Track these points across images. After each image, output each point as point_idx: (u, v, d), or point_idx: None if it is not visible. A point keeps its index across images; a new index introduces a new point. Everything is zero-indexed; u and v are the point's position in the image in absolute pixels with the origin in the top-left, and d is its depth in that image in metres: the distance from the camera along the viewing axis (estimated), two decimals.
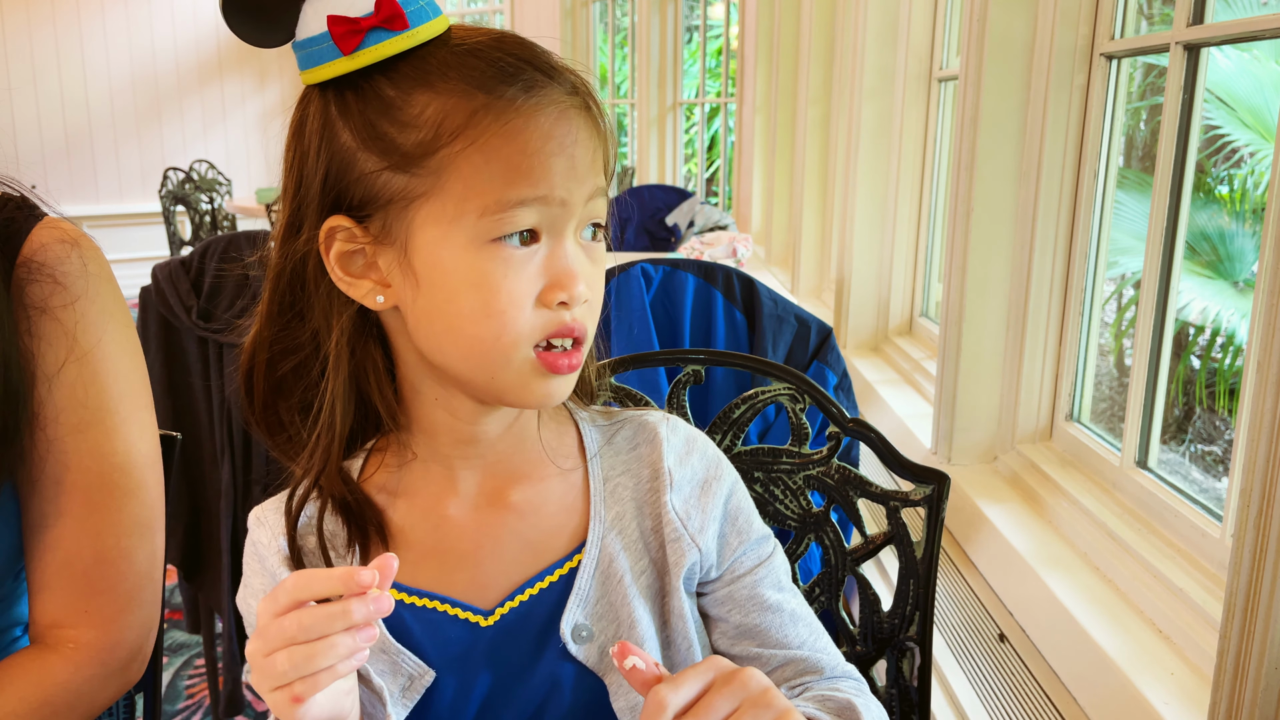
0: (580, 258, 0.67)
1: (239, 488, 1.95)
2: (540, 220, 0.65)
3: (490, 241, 0.64)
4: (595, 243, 0.69)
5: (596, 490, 0.75)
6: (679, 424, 0.79)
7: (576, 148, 0.65)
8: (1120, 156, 1.53)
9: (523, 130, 0.63)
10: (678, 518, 0.74)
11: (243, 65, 7.52)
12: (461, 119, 0.63)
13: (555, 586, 0.72)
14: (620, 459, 0.77)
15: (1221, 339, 3.57)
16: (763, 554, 0.79)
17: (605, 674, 0.72)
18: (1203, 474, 3.47)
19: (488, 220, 0.63)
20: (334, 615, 0.56)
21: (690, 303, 1.62)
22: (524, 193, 0.63)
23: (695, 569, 0.75)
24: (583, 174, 0.66)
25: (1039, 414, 1.61)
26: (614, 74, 6.25)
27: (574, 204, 0.66)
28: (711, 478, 0.77)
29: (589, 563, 0.72)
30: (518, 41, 0.67)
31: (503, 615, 0.72)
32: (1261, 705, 0.84)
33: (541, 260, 0.65)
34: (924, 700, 0.94)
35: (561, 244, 0.66)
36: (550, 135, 0.64)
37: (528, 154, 0.63)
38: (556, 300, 0.65)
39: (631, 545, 0.74)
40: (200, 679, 2.34)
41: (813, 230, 3.16)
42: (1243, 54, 3.65)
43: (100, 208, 7.15)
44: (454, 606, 0.72)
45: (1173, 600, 1.14)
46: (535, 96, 0.64)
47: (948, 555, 1.54)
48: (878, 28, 2.37)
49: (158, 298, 1.93)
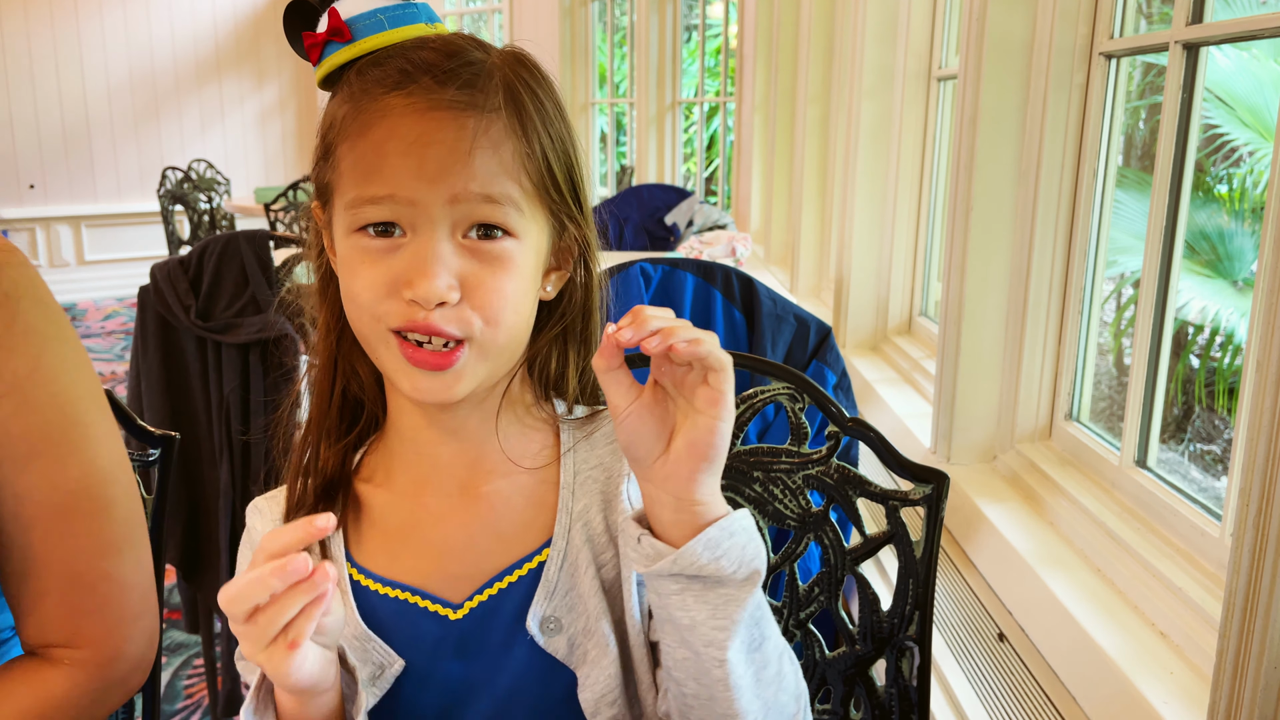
0: (446, 257, 0.66)
1: (237, 487, 1.95)
2: (397, 216, 0.67)
3: (354, 231, 0.69)
4: (489, 243, 0.68)
5: (566, 484, 0.76)
6: None
7: (430, 148, 0.66)
8: (1119, 155, 1.53)
9: (374, 131, 0.67)
10: (630, 506, 0.75)
11: (241, 65, 7.51)
12: (346, 120, 0.68)
13: (524, 580, 0.74)
14: (595, 453, 0.78)
15: (1221, 338, 3.57)
16: None
17: (576, 666, 0.74)
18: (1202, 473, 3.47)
19: (350, 213, 0.68)
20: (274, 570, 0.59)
21: (689, 302, 1.62)
22: (372, 190, 0.67)
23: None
24: (435, 174, 0.66)
25: (1038, 413, 1.61)
26: (613, 73, 6.24)
27: (428, 204, 0.66)
28: None
29: (555, 556, 0.74)
30: (444, 48, 0.69)
31: (471, 609, 0.74)
32: (1261, 704, 0.84)
33: (403, 254, 0.67)
34: (923, 700, 0.94)
35: (421, 241, 0.67)
36: (397, 136, 0.66)
37: (376, 154, 0.67)
38: (405, 296, 0.66)
39: (596, 537, 0.75)
40: (199, 679, 2.34)
41: (812, 229, 3.16)
42: (1242, 53, 3.65)
43: (98, 207, 7.15)
44: (424, 599, 0.74)
45: (1172, 599, 1.14)
46: (402, 98, 0.66)
47: (947, 555, 1.54)
48: (877, 27, 2.36)
49: (156, 297, 1.93)
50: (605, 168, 6.59)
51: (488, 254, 0.68)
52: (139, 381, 1.98)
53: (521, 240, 0.69)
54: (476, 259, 0.67)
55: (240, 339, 1.86)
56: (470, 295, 0.67)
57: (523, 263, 0.69)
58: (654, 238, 3.99)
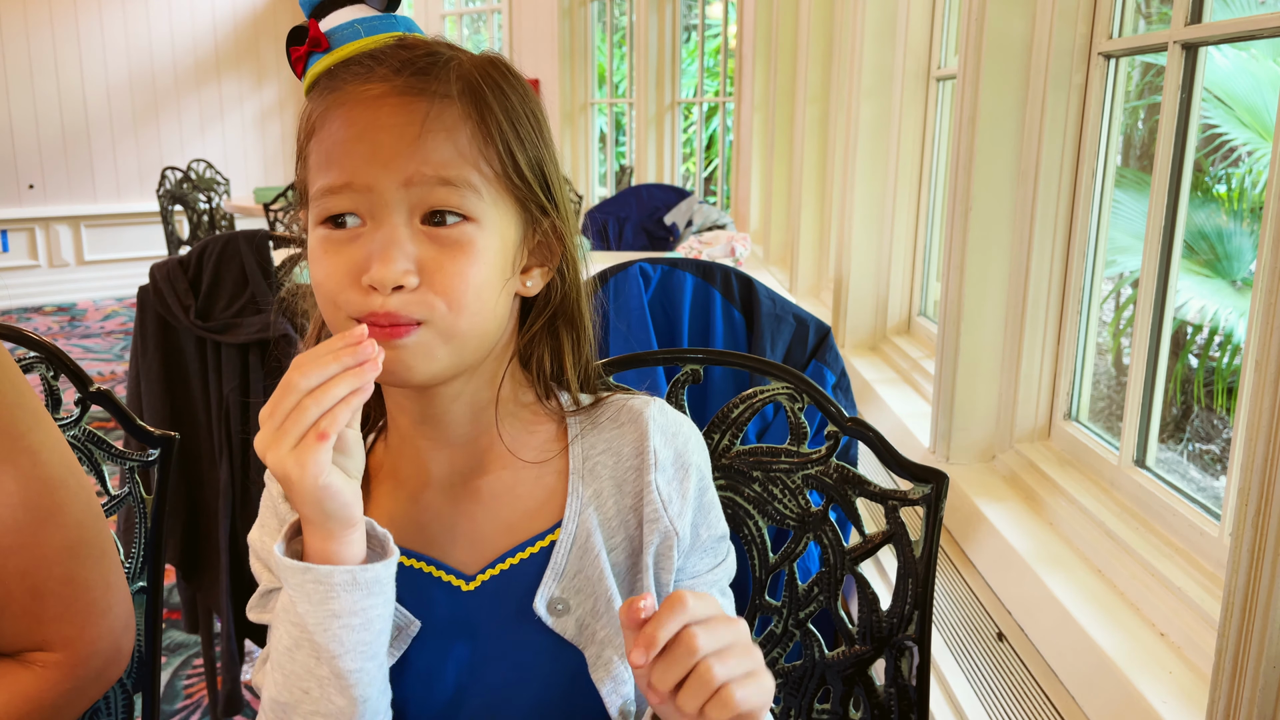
0: (403, 242, 0.67)
1: (237, 487, 1.95)
2: (356, 206, 0.68)
3: (319, 224, 0.69)
4: (447, 229, 0.68)
5: (576, 469, 0.76)
6: (667, 408, 0.81)
7: (382, 132, 0.66)
8: (1118, 155, 1.53)
9: (333, 121, 0.68)
10: (660, 498, 0.76)
11: (240, 65, 7.51)
12: (313, 117, 0.70)
13: (534, 559, 0.74)
14: (603, 436, 0.78)
15: (1219, 338, 3.57)
16: (719, 554, 0.80)
17: (584, 646, 0.74)
18: (1201, 473, 3.47)
19: (315, 205, 0.69)
20: (323, 356, 0.62)
21: (688, 302, 1.62)
22: (330, 179, 0.68)
23: (671, 550, 0.76)
24: (388, 158, 0.66)
25: (1037, 413, 1.61)
26: (612, 73, 6.25)
27: (382, 188, 0.66)
28: (691, 463, 0.78)
29: (565, 538, 0.74)
30: (412, 44, 0.70)
31: (484, 582, 0.74)
32: (1260, 704, 0.84)
33: (362, 242, 0.67)
34: (922, 699, 0.94)
35: (378, 228, 0.67)
36: (351, 122, 0.67)
37: (333, 143, 0.68)
38: (364, 282, 0.66)
39: (608, 521, 0.75)
40: (199, 679, 2.34)
41: (811, 229, 3.16)
42: (1241, 53, 3.65)
43: (97, 207, 7.14)
44: (437, 568, 0.75)
45: (1171, 599, 1.14)
46: (359, 86, 0.68)
47: (946, 554, 1.54)
48: (876, 27, 2.36)
49: (155, 297, 1.93)
50: (604, 168, 6.59)
51: (446, 239, 0.67)
52: (138, 382, 1.98)
53: (482, 225, 0.68)
54: (435, 244, 0.67)
55: (240, 339, 1.86)
56: (430, 279, 0.67)
57: (485, 248, 0.69)
58: (653, 238, 3.99)
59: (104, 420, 1.11)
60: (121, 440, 1.19)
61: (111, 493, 1.01)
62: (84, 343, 5.83)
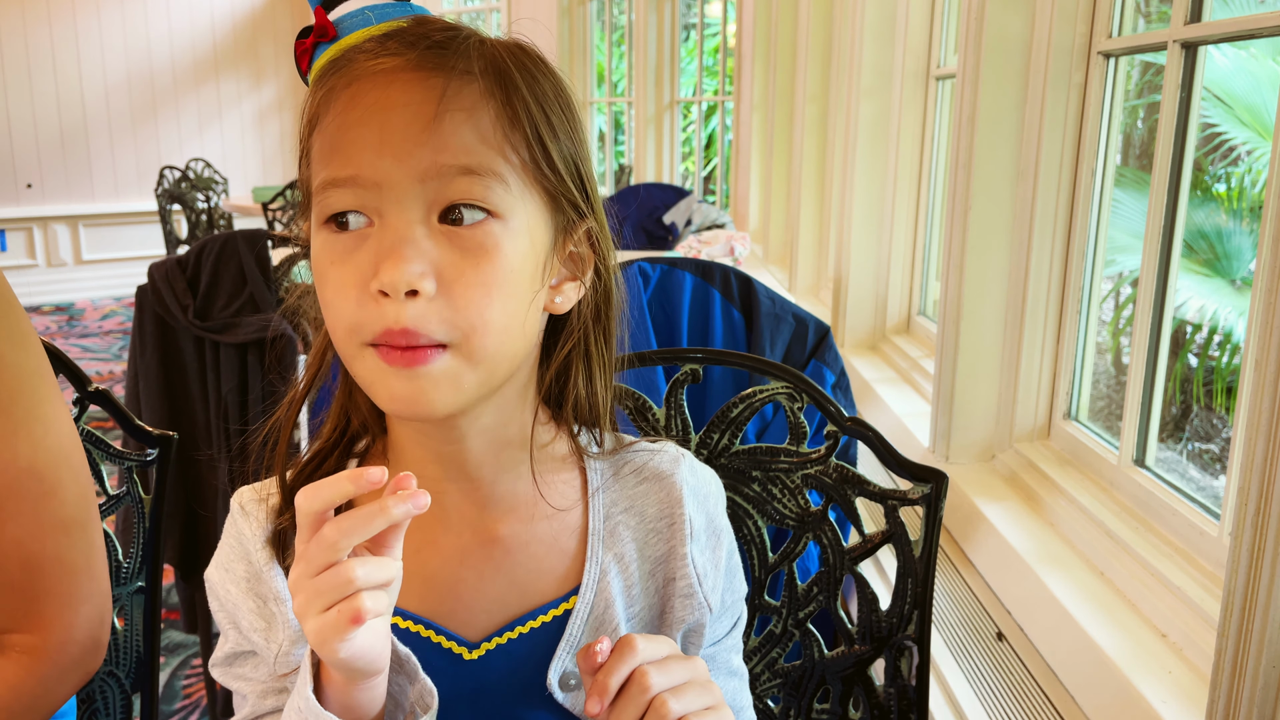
0: (419, 240, 0.57)
1: (236, 487, 1.95)
2: (363, 204, 0.58)
3: (322, 226, 0.60)
4: (466, 229, 0.58)
5: (595, 530, 0.69)
6: (696, 464, 0.75)
7: (392, 113, 0.57)
8: (1118, 154, 1.53)
9: (338, 102, 0.59)
10: (695, 572, 0.70)
11: (239, 63, 7.51)
12: (316, 102, 0.61)
13: (546, 628, 0.68)
14: (625, 493, 0.71)
15: (1219, 337, 3.57)
16: (737, 615, 0.77)
17: None
18: (1200, 472, 3.47)
19: (317, 202, 0.60)
20: (372, 514, 0.53)
21: (688, 301, 1.62)
22: (333, 173, 0.58)
23: (703, 628, 0.72)
24: (400, 145, 0.57)
25: (1037, 412, 1.61)
26: (611, 72, 6.24)
27: (395, 182, 0.57)
28: (722, 528, 0.74)
29: (582, 608, 0.68)
30: (428, 19, 0.62)
31: (488, 650, 0.67)
32: (1260, 704, 0.84)
33: (370, 244, 0.58)
34: (922, 699, 0.94)
35: (389, 226, 0.58)
36: (358, 103, 0.58)
37: (337, 128, 0.59)
38: (373, 288, 0.57)
39: (630, 589, 0.70)
40: (197, 679, 2.34)
41: (810, 228, 3.16)
42: (1240, 52, 3.65)
43: (96, 206, 7.14)
44: (438, 634, 0.67)
45: (1170, 599, 1.14)
46: (369, 63, 0.59)
47: (946, 554, 1.54)
48: (875, 26, 2.36)
49: (154, 297, 1.93)
50: (604, 167, 6.59)
51: (468, 241, 0.58)
52: (137, 381, 1.98)
53: (508, 223, 0.59)
54: (455, 247, 0.58)
55: (238, 338, 1.86)
56: (449, 290, 0.57)
57: (512, 251, 0.59)
58: (652, 237, 3.99)
59: (102, 420, 1.11)
60: (120, 440, 1.19)
61: (110, 492, 1.01)
62: (82, 342, 5.83)
